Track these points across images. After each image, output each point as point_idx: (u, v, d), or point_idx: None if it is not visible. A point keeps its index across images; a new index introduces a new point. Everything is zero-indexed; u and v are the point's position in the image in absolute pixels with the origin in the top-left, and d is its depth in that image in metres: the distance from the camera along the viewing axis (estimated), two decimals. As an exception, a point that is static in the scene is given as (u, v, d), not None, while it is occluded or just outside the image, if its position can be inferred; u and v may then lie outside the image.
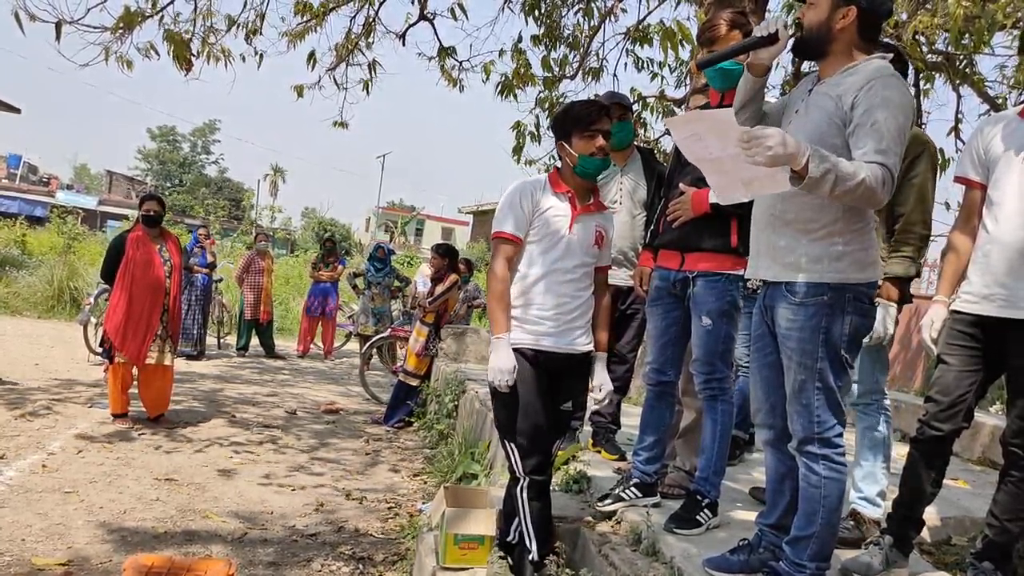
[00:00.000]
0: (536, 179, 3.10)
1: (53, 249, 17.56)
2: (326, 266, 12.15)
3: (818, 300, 2.36)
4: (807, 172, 2.07)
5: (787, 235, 2.43)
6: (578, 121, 2.98)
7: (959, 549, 3.40)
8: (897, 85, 2.29)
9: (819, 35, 2.39)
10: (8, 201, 31.94)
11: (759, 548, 2.67)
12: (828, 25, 2.38)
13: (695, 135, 2.34)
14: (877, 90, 2.25)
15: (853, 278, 2.36)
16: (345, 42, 8.07)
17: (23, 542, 3.77)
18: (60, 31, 5.40)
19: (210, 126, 57.94)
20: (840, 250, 2.35)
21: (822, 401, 2.38)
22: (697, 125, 2.34)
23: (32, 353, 9.21)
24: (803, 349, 2.38)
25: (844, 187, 2.12)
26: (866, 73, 2.31)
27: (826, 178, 2.09)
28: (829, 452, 2.39)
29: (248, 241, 21.89)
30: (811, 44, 2.44)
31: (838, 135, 2.31)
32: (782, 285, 2.44)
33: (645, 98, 8.71)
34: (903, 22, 5.89)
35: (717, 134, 2.24)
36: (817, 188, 2.12)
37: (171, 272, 6.37)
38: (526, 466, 2.97)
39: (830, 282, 2.35)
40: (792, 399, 2.44)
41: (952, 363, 2.77)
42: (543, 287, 2.97)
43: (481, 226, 37.09)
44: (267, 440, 6.35)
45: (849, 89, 2.31)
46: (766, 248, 2.51)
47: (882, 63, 2.36)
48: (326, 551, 4.09)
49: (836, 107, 2.33)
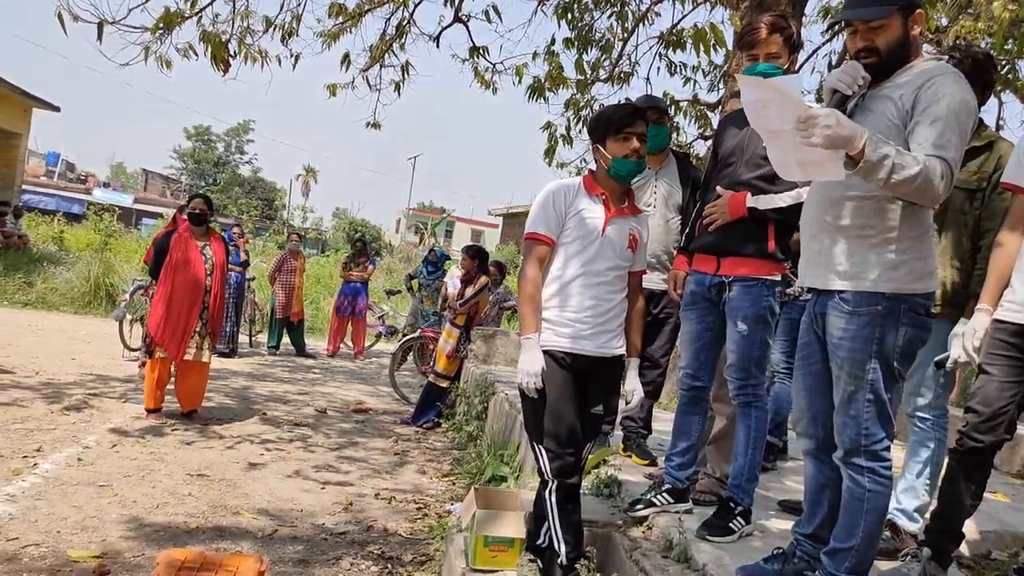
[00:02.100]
0: (570, 181, 3.09)
1: (90, 246, 17.87)
2: (356, 266, 12.22)
3: (872, 310, 2.29)
4: (863, 156, 2.02)
5: (841, 242, 2.36)
6: (612, 123, 2.97)
7: (999, 564, 3.32)
8: (957, 81, 2.23)
9: (901, 52, 2.32)
10: (46, 198, 32.57)
11: (794, 558, 2.62)
12: (907, 38, 2.31)
13: (761, 101, 2.25)
14: (938, 86, 2.20)
15: (909, 288, 2.29)
16: (379, 43, 8.12)
17: (58, 534, 3.82)
18: (102, 31, 5.49)
19: (244, 126, 58.56)
20: (896, 259, 2.28)
21: (872, 413, 2.32)
22: (766, 92, 2.25)
23: (69, 348, 9.36)
24: (854, 359, 2.32)
25: (901, 176, 2.06)
26: (925, 71, 2.26)
27: (883, 163, 2.04)
28: (875, 465, 2.33)
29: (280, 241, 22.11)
30: (893, 63, 2.33)
31: (898, 136, 2.24)
32: (835, 294, 2.37)
33: (678, 102, 8.66)
34: (944, 27, 5.80)
35: (782, 106, 2.15)
36: (873, 174, 2.07)
37: (213, 270, 6.45)
38: (554, 469, 2.95)
39: (885, 292, 2.28)
40: (841, 409, 2.38)
41: (994, 373, 2.70)
42: (575, 289, 2.96)
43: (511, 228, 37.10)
44: (297, 438, 6.40)
45: (908, 89, 2.25)
46: (816, 256, 2.44)
47: (941, 63, 2.31)
48: (355, 550, 4.10)
49: (896, 108, 2.26)
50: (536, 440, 2.99)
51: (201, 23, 6.60)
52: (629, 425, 4.37)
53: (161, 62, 6.45)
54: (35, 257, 15.53)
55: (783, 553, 2.66)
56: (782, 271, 3.08)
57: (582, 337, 2.95)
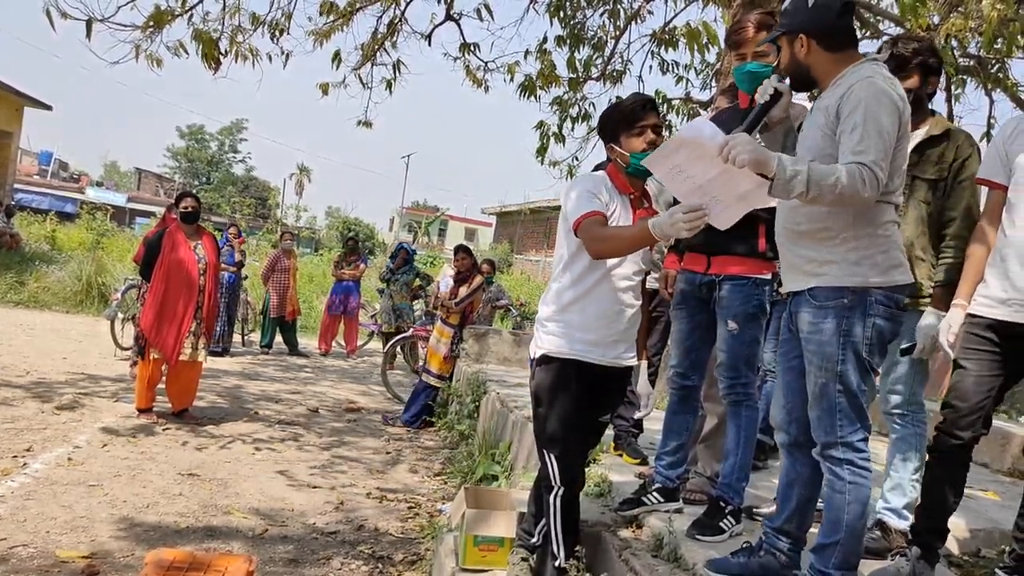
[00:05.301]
0: (598, 175, 2.97)
1: (82, 245, 17.83)
2: (348, 265, 12.21)
3: (838, 303, 2.36)
4: (776, 176, 2.17)
5: (804, 245, 2.46)
6: (624, 118, 2.87)
7: (988, 562, 3.33)
8: (874, 86, 2.30)
9: (797, 71, 2.50)
10: (39, 197, 32.44)
11: (759, 551, 2.65)
12: (796, 60, 2.47)
13: (675, 168, 2.39)
14: (855, 94, 2.30)
15: (874, 281, 2.35)
16: (371, 41, 8.10)
17: (47, 534, 3.80)
18: (91, 29, 5.45)
19: (237, 125, 58.32)
20: (856, 255, 2.36)
21: (844, 404, 2.36)
22: (675, 156, 2.38)
23: (60, 347, 9.33)
24: (824, 352, 2.37)
25: (819, 189, 2.19)
26: (848, 81, 2.36)
27: (796, 180, 2.18)
28: (853, 456, 2.37)
29: (273, 240, 22.06)
30: (798, 80, 2.55)
31: (833, 146, 2.34)
32: (805, 292, 2.45)
33: (670, 101, 8.66)
34: (935, 25, 5.80)
35: (697, 157, 2.29)
36: (791, 191, 2.20)
37: (206, 269, 6.42)
38: (564, 477, 2.90)
39: (850, 285, 2.35)
40: (814, 403, 2.42)
41: (970, 368, 2.72)
42: (599, 294, 2.86)
43: (504, 227, 37.10)
44: (289, 437, 6.38)
45: (834, 100, 2.36)
46: (787, 261, 2.55)
47: (866, 67, 2.38)
48: (345, 550, 4.09)
49: (826, 119, 2.38)
50: (547, 448, 2.92)
51: (192, 21, 6.58)
52: (620, 424, 4.36)
53: (152, 60, 6.43)
54: (27, 256, 15.49)
55: (751, 546, 2.68)
56: (772, 270, 3.06)
57: (598, 345, 2.87)
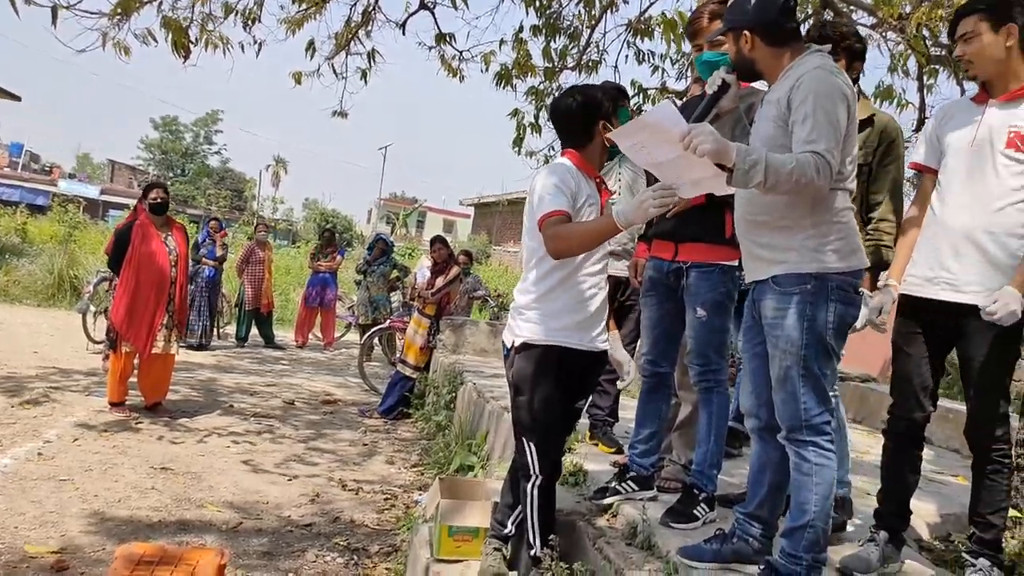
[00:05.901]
0: (564, 164, 2.93)
1: (54, 238, 17.57)
2: (325, 257, 12.14)
3: (801, 288, 2.39)
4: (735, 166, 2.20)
5: (763, 234, 2.49)
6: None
7: (957, 546, 3.37)
8: (822, 76, 2.35)
9: (743, 65, 2.58)
10: (10, 189, 31.98)
11: (732, 538, 2.66)
12: (742, 54, 2.54)
13: (637, 145, 2.44)
14: (804, 84, 2.34)
15: (835, 267, 2.39)
16: (344, 30, 8.01)
17: (16, 530, 3.75)
18: (56, 16, 5.33)
19: (212, 116, 57.58)
20: (816, 242, 2.39)
21: (808, 388, 2.40)
22: (637, 135, 2.42)
23: (31, 341, 9.20)
24: (788, 337, 2.40)
25: (776, 178, 2.22)
26: (796, 72, 2.40)
27: (755, 170, 2.21)
28: (818, 439, 2.40)
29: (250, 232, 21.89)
30: (744, 71, 2.61)
31: (786, 136, 2.38)
32: (768, 280, 2.47)
33: (646, 90, 8.64)
34: (907, 15, 5.83)
35: (660, 139, 2.32)
36: (749, 181, 2.23)
37: (177, 261, 6.34)
38: (544, 466, 2.89)
39: (812, 272, 2.39)
40: (778, 387, 2.45)
41: (908, 350, 2.81)
42: (575, 280, 2.86)
43: (483, 219, 37.01)
44: (264, 430, 6.34)
45: (784, 92, 2.40)
46: (749, 251, 2.58)
47: (812, 58, 2.43)
48: (320, 542, 4.07)
49: (778, 111, 2.42)
50: (527, 436, 2.91)
51: (161, 9, 6.46)
52: (596, 413, 4.36)
53: (119, 49, 6.31)
54: (-3, 249, 15.25)
55: (723, 533, 2.70)
56: (739, 256, 3.07)
57: (580, 330, 2.87)
